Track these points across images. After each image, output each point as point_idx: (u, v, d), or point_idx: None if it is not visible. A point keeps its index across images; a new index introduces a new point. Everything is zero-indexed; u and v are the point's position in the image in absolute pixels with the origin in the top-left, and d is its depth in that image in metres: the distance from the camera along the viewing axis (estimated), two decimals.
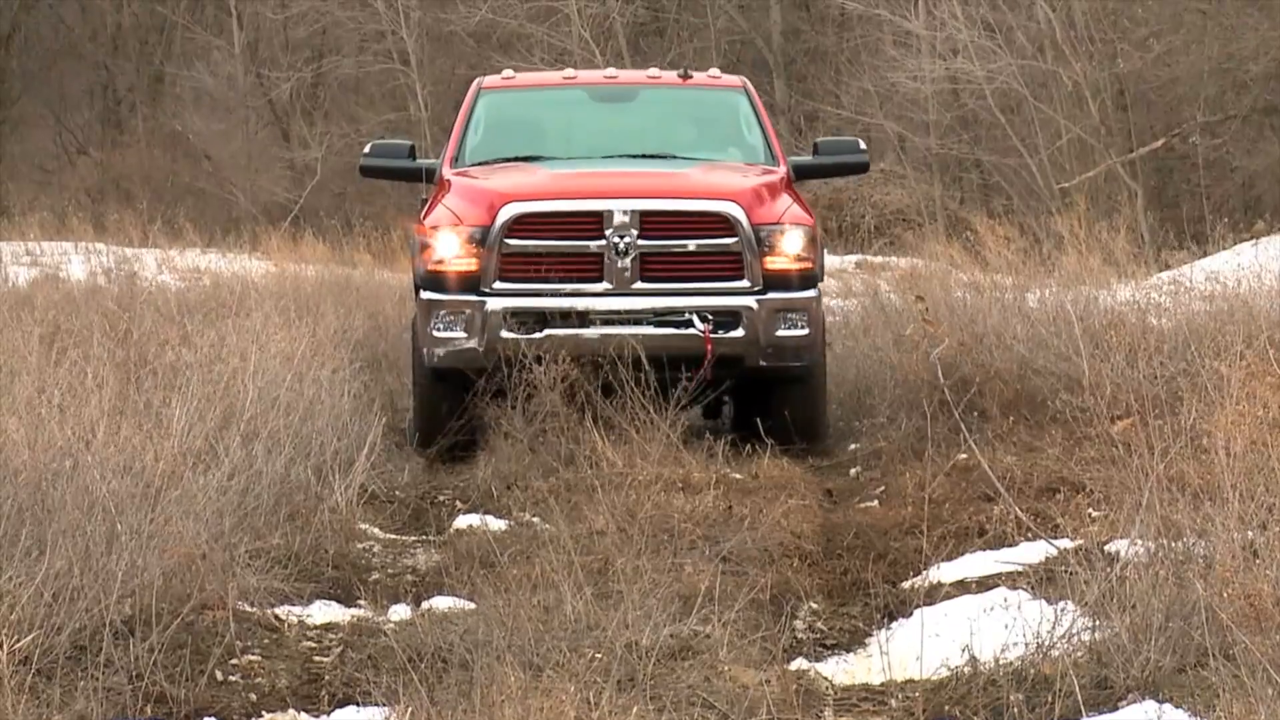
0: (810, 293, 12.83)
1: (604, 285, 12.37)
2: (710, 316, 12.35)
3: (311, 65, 42.28)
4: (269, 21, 42.89)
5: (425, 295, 12.61)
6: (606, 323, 12.31)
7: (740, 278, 12.48)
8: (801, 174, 14.21)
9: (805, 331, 12.61)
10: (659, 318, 12.37)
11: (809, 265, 12.81)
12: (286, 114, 42.33)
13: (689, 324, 12.35)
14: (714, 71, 15.55)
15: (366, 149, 14.37)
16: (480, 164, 13.66)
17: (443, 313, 12.42)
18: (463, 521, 10.71)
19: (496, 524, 10.35)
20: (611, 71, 16.22)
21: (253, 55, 43.22)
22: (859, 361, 16.03)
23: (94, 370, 9.63)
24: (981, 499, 10.80)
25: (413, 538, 10.86)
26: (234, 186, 38.62)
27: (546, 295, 12.34)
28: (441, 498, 11.93)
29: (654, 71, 15.79)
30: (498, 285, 12.37)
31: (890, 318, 16.28)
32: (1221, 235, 21.12)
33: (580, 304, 12.36)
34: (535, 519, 10.20)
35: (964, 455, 11.60)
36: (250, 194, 37.59)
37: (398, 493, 11.94)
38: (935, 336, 13.46)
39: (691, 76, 14.75)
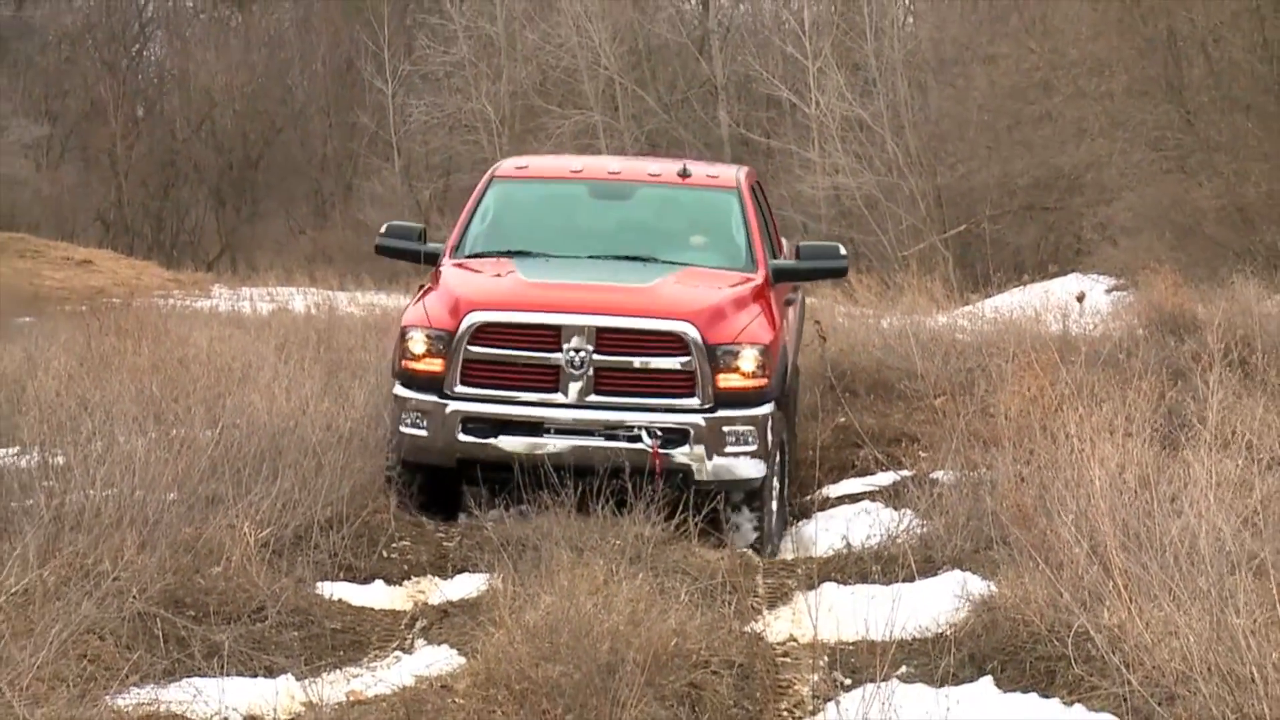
0: (761, 409, 8.44)
1: (559, 396, 8.30)
2: (659, 432, 8.27)
3: (442, 179, 42.24)
4: (417, 151, 42.95)
5: (397, 390, 8.63)
6: (560, 433, 8.30)
7: (691, 395, 8.30)
8: (781, 277, 9.62)
9: (753, 447, 8.38)
10: (610, 430, 8.29)
11: (763, 383, 8.46)
12: (427, 209, 42.15)
13: (638, 438, 8.28)
14: (713, 170, 10.63)
15: (383, 229, 9.89)
16: (476, 255, 9.43)
17: (409, 410, 8.46)
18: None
19: None
20: (616, 166, 10.73)
21: (406, 172, 43.17)
22: None
23: (308, 366, 9.61)
24: (853, 445, 10.75)
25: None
26: None
27: (504, 402, 8.35)
28: None
29: (655, 168, 10.50)
30: (459, 389, 8.36)
31: None
32: (1000, 284, 21.11)
33: (535, 413, 8.31)
34: None
35: (843, 419, 11.57)
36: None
37: None
38: (826, 345, 13.44)
39: (690, 175, 10.06)
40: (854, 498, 9.48)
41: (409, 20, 44.67)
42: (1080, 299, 18.00)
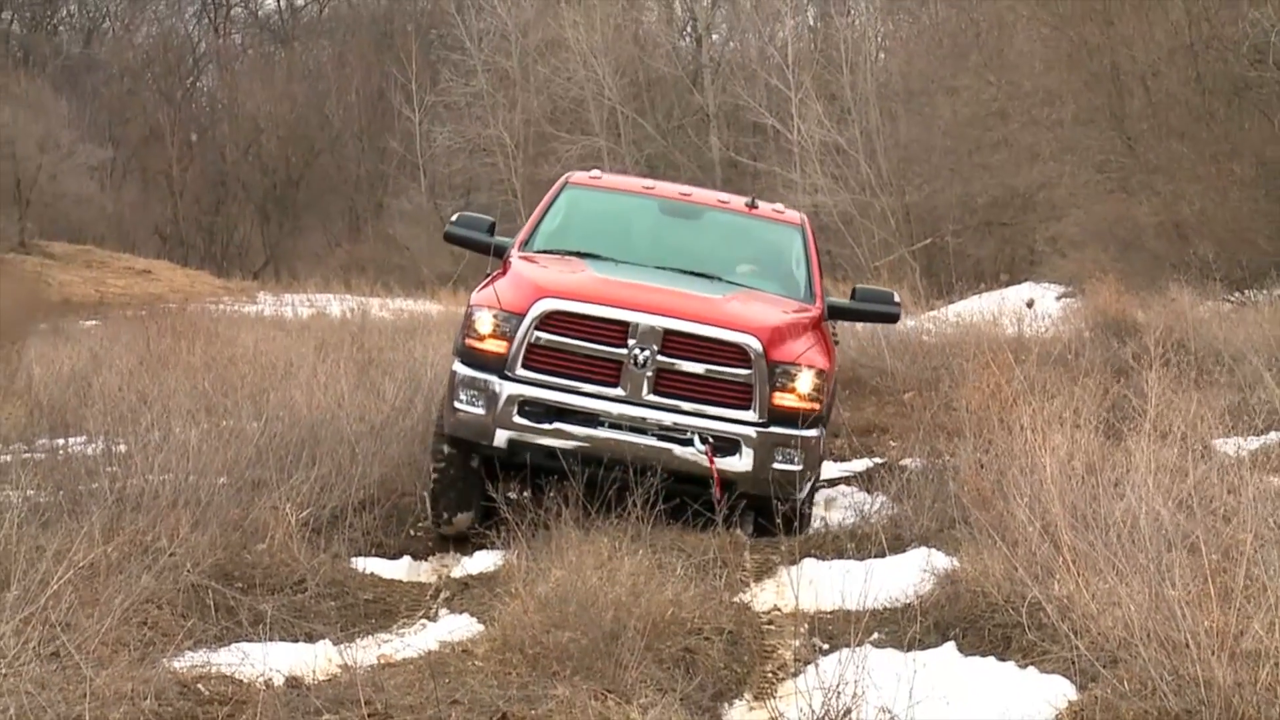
0: (811, 431, 7.60)
1: (618, 391, 7.45)
2: (711, 439, 7.46)
3: (464, 197, 42.20)
4: (441, 173, 42.89)
5: (456, 367, 7.68)
6: (614, 427, 7.46)
7: (747, 408, 7.50)
8: (835, 314, 8.83)
9: (799, 467, 7.54)
10: (664, 431, 7.46)
11: (815, 406, 7.65)
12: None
13: (690, 443, 7.45)
14: (778, 206, 9.62)
15: (454, 217, 8.98)
16: (545, 251, 8.56)
17: (467, 388, 7.56)
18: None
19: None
20: (687, 189, 9.74)
21: (432, 192, 43.15)
22: None
23: (343, 365, 9.60)
24: (831, 435, 10.75)
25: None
26: (421, 264, 38.45)
27: (563, 390, 7.47)
28: None
29: (724, 196, 9.60)
30: (520, 372, 7.48)
31: None
32: (962, 291, 21.10)
33: (592, 405, 7.47)
34: None
35: None
36: (430, 268, 37.39)
37: None
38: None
39: (757, 207, 9.33)
40: (832, 482, 9.47)
41: (434, 56, 44.67)
42: (1032, 305, 18.02)
